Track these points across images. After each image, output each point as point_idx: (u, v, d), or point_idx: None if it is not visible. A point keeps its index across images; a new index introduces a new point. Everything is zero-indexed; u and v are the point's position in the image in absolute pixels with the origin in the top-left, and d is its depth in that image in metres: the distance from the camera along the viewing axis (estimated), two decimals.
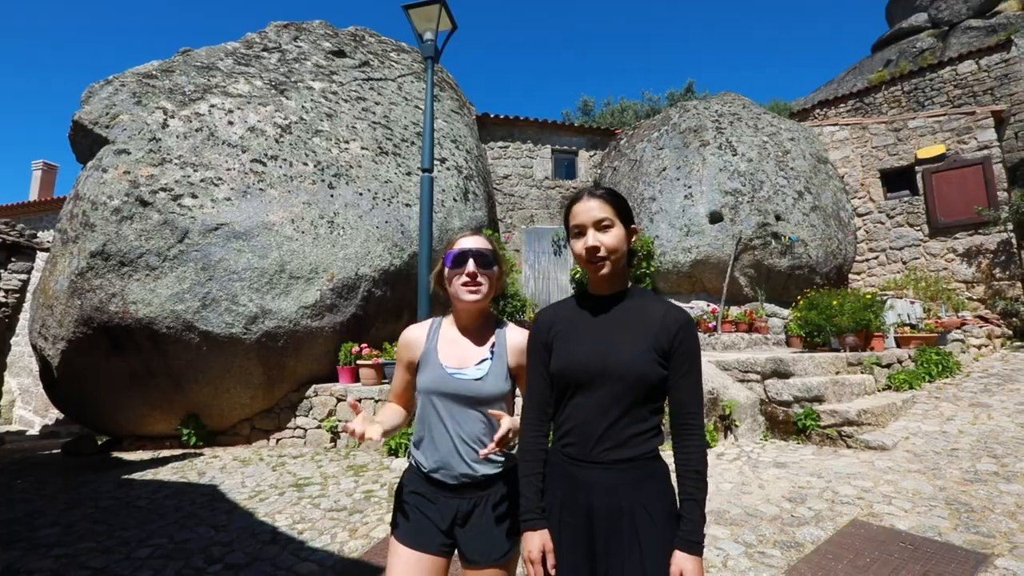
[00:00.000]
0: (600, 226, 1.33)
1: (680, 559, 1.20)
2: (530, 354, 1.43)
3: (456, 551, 1.49)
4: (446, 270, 1.50)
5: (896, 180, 10.21)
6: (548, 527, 1.32)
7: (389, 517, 3.76)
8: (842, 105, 12.85)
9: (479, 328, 1.54)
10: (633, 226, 1.40)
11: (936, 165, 9.59)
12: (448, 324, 1.57)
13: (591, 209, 1.34)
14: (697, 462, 1.26)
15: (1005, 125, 9.86)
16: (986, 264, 9.10)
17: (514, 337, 1.52)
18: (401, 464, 4.79)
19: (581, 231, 1.35)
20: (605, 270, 1.34)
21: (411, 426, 1.71)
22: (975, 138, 9.37)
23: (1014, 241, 8.88)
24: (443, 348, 1.51)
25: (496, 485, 1.46)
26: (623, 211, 1.37)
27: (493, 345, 1.51)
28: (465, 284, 1.47)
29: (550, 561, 1.29)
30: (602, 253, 1.32)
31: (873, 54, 16.28)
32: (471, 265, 1.46)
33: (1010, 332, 8.60)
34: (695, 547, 1.21)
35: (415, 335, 1.56)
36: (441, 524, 1.45)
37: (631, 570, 1.21)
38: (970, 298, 9.17)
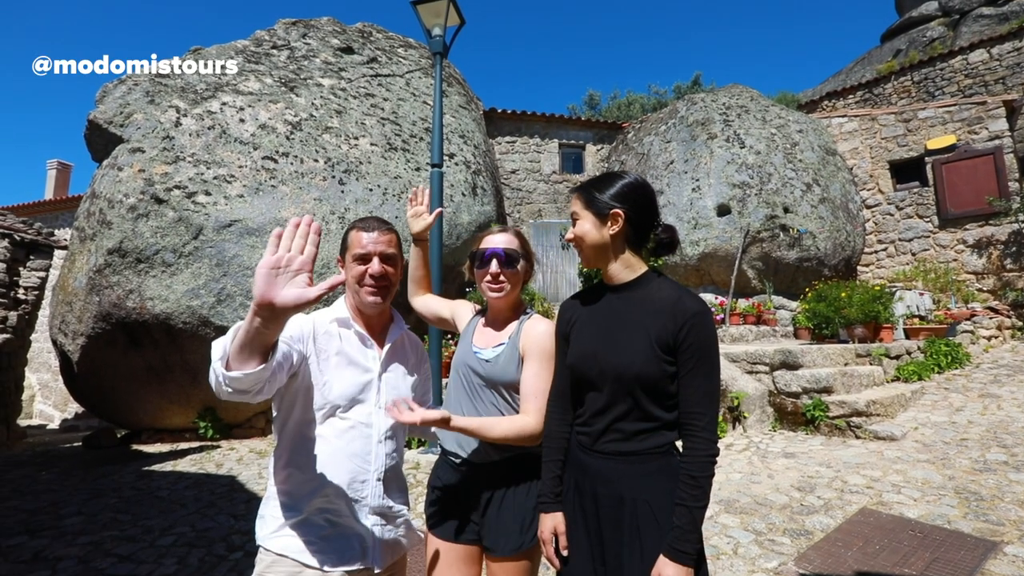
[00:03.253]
0: (572, 220, 1.39)
1: (663, 564, 1.17)
2: (556, 344, 1.47)
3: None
4: (475, 268, 1.61)
5: (905, 171, 10.13)
6: (564, 509, 1.36)
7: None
8: (851, 96, 12.75)
9: (508, 318, 1.62)
10: (614, 211, 1.31)
11: (946, 156, 9.51)
12: (485, 313, 1.70)
13: (571, 204, 1.41)
14: (696, 467, 1.20)
15: (1017, 115, 9.76)
16: (996, 255, 9.03)
17: (529, 327, 1.57)
18: (412, 455, 4.87)
19: None
20: (582, 261, 1.40)
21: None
22: (986, 128, 9.28)
23: None
24: (478, 330, 1.64)
25: (510, 476, 1.49)
26: (593, 200, 1.35)
27: (512, 335, 1.57)
28: (488, 283, 1.56)
29: (561, 543, 1.33)
30: (575, 245, 1.39)
31: (882, 44, 16.12)
32: (494, 266, 1.55)
33: (1020, 323, 8.55)
34: (679, 555, 1.16)
35: (468, 308, 1.75)
36: (468, 511, 1.50)
37: (631, 561, 1.23)
38: (980, 289, 9.11)
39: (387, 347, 1.50)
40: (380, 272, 1.44)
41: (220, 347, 1.10)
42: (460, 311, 1.74)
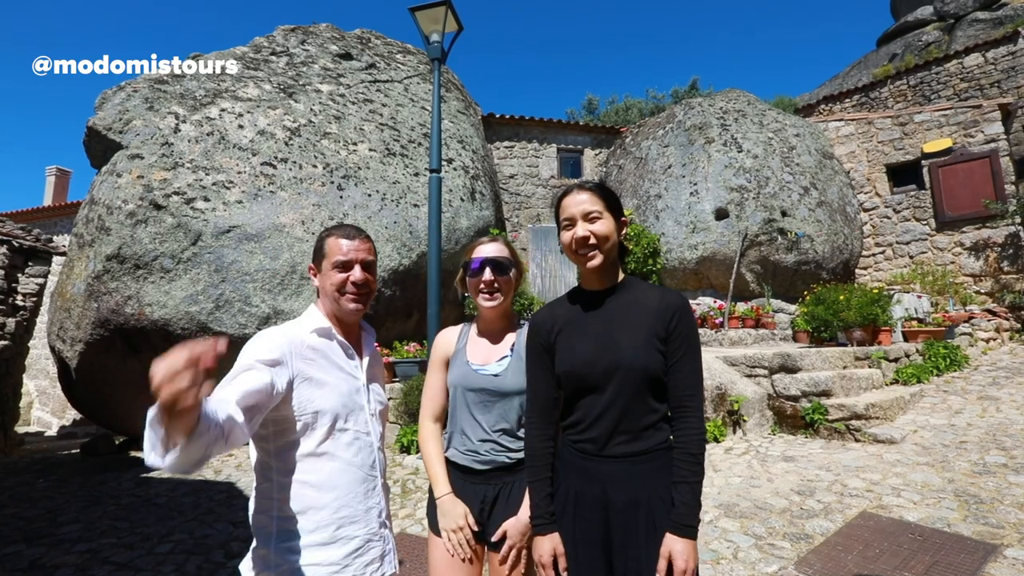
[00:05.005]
0: (589, 218, 1.34)
1: (670, 540, 1.20)
2: (530, 358, 1.44)
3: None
4: (467, 278, 1.61)
5: (902, 174, 10.18)
6: (561, 527, 1.34)
7: (403, 512, 3.83)
8: (847, 100, 12.81)
9: (503, 328, 1.64)
10: (623, 218, 1.41)
11: (943, 159, 9.55)
12: (475, 328, 1.68)
13: (581, 202, 1.35)
14: (693, 444, 1.26)
15: (1012, 118, 9.82)
16: (994, 258, 9.06)
17: None
18: (412, 461, 4.86)
19: (571, 223, 1.36)
20: (596, 260, 1.34)
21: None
22: (982, 131, 9.33)
23: (1022, 234, 8.84)
24: (471, 347, 1.62)
25: (521, 471, 1.52)
26: (613, 204, 1.39)
27: (513, 344, 1.59)
28: (483, 291, 1.58)
29: (561, 564, 1.32)
30: (592, 241, 1.34)
31: (878, 48, 16.22)
32: (488, 274, 1.56)
33: (1018, 325, 8.57)
34: (685, 530, 1.20)
35: (448, 337, 1.68)
36: (472, 510, 1.51)
37: (650, 560, 1.22)
38: (978, 292, 9.14)
39: (368, 357, 1.50)
40: (363, 280, 1.41)
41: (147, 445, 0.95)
42: (444, 345, 1.67)
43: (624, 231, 1.42)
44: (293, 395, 1.29)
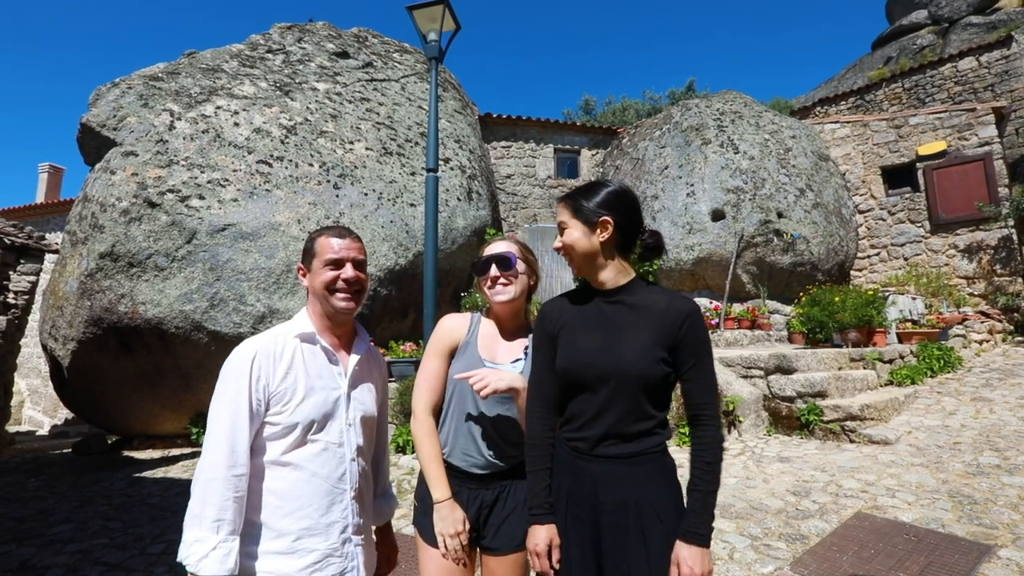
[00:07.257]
0: (560, 228, 1.40)
1: (679, 548, 1.20)
2: (536, 345, 1.44)
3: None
4: (478, 278, 1.62)
5: (897, 177, 10.22)
6: (555, 520, 1.33)
7: (398, 512, 3.81)
8: (843, 103, 12.86)
9: (515, 328, 1.61)
10: (603, 219, 1.34)
11: (937, 162, 9.61)
12: (487, 321, 1.63)
13: (558, 214, 1.42)
14: (708, 453, 1.26)
15: (1006, 121, 9.88)
16: (987, 260, 9.12)
17: None
18: (408, 461, 4.83)
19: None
20: (573, 269, 1.41)
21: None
22: (976, 134, 9.38)
23: (1015, 237, 8.90)
24: (482, 341, 1.58)
25: (520, 474, 1.49)
26: (583, 208, 1.36)
27: (527, 347, 1.57)
28: (488, 287, 1.57)
29: (555, 556, 1.31)
30: (563, 253, 1.40)
31: (873, 51, 16.29)
32: (493, 269, 1.55)
33: (1011, 327, 8.62)
34: (696, 538, 1.20)
35: (457, 323, 1.62)
36: (468, 517, 1.48)
37: (636, 563, 1.22)
38: (971, 294, 9.19)
39: (354, 361, 1.45)
40: (354, 277, 1.40)
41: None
42: (452, 332, 1.62)
43: (606, 232, 1.34)
44: (270, 403, 1.31)
